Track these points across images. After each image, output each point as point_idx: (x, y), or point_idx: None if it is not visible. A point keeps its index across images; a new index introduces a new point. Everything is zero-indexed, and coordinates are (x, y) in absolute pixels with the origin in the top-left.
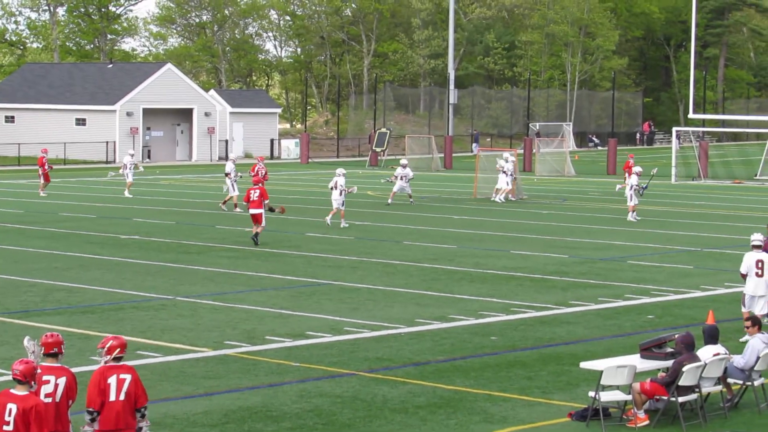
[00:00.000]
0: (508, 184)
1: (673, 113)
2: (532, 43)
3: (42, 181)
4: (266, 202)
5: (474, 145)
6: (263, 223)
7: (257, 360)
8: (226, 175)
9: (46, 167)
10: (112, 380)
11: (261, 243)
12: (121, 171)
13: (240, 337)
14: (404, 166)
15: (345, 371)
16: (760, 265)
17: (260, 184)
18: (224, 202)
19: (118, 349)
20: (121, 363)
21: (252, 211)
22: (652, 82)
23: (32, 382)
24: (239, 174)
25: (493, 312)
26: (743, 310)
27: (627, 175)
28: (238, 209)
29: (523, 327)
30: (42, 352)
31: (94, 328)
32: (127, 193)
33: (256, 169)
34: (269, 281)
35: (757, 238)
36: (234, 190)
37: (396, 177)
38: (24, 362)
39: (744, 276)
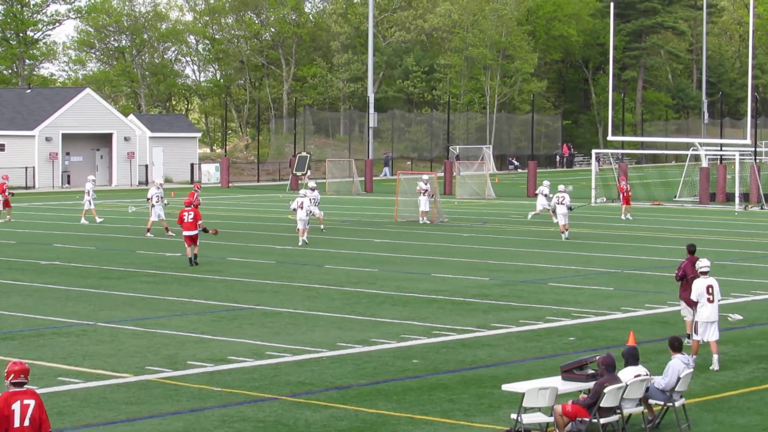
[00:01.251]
0: (428, 206)
1: (593, 135)
2: (451, 66)
3: (1, 208)
4: (200, 223)
5: (385, 168)
6: (197, 244)
7: (179, 385)
8: (147, 200)
9: (7, 193)
10: (16, 406)
11: (181, 268)
12: (85, 199)
13: (161, 363)
14: (313, 189)
15: (267, 396)
16: (710, 290)
17: (192, 206)
18: (148, 230)
19: (22, 375)
20: (25, 388)
21: (187, 232)
22: (571, 104)
23: None
24: (164, 199)
25: (414, 335)
26: (695, 338)
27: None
28: (149, 234)
29: (444, 350)
30: None
31: (15, 354)
32: (84, 220)
33: (195, 196)
34: (190, 306)
35: (704, 264)
36: (152, 215)
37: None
38: None
39: (694, 303)
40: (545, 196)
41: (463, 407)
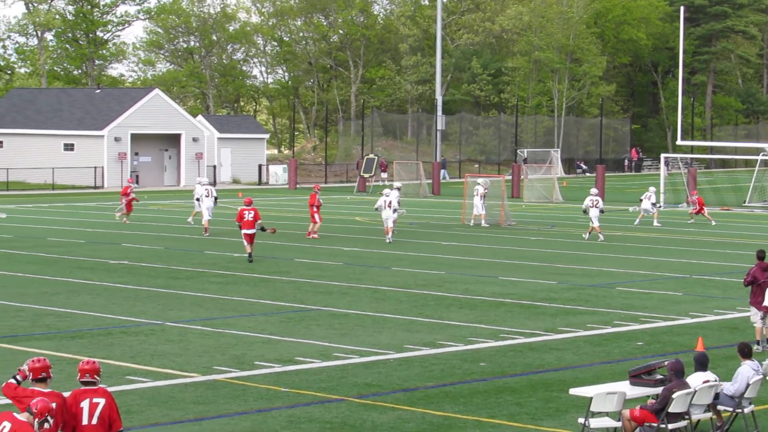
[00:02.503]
0: (482, 209)
1: (661, 140)
2: (518, 69)
3: (125, 210)
4: (259, 222)
5: (442, 171)
6: (253, 242)
7: (246, 385)
8: (196, 200)
9: (131, 196)
10: (85, 404)
11: (250, 269)
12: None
13: (229, 363)
14: (399, 188)
15: (334, 397)
16: None
17: (252, 205)
18: (206, 229)
19: (88, 374)
20: (97, 387)
21: (246, 231)
22: (640, 108)
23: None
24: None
25: (482, 338)
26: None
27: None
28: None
29: (512, 353)
30: (32, 377)
31: (84, 353)
32: (190, 219)
33: (316, 198)
34: (259, 307)
35: None
36: (205, 214)
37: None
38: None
39: (766, 309)
40: (652, 204)
41: (530, 411)
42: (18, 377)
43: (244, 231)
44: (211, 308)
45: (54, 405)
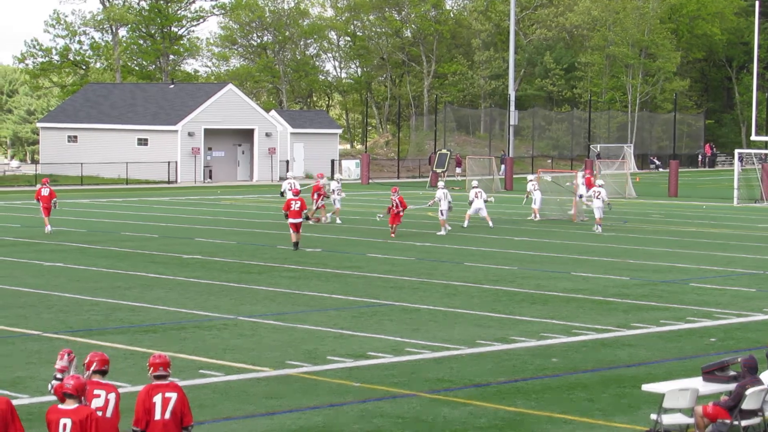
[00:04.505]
0: (535, 203)
1: (736, 135)
2: (591, 64)
3: (317, 207)
4: (305, 211)
5: (502, 166)
6: (300, 231)
7: (318, 380)
8: (281, 194)
9: (325, 190)
10: (158, 399)
11: (322, 263)
12: (332, 198)
13: (301, 357)
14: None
15: (406, 392)
16: None
17: (299, 195)
18: (313, 215)
19: (161, 368)
20: (168, 381)
21: (292, 220)
22: (714, 104)
23: (82, 397)
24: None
25: (554, 334)
26: None
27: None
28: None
29: (584, 349)
30: (95, 368)
31: (157, 347)
32: (335, 219)
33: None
34: (330, 301)
35: None
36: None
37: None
38: (75, 377)
39: None
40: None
41: (603, 407)
42: (58, 375)
43: (290, 220)
44: (283, 303)
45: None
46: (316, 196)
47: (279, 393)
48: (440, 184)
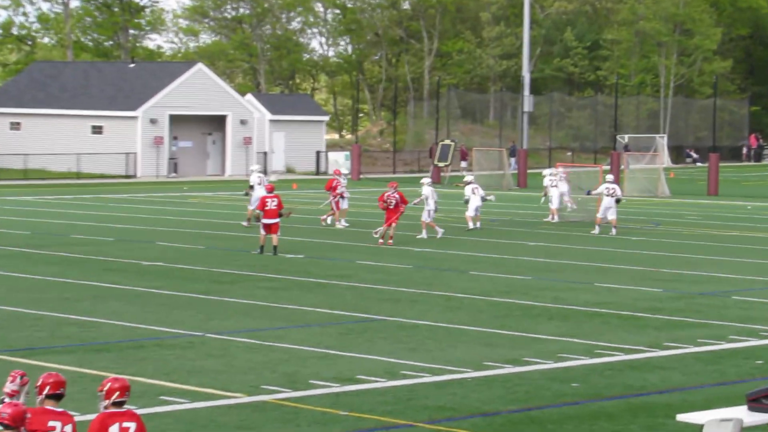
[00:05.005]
0: (552, 202)
1: None
2: (618, 42)
3: (335, 209)
4: (281, 210)
5: (511, 159)
6: (278, 233)
7: (299, 408)
8: (250, 187)
9: (339, 190)
10: (114, 429)
11: (304, 271)
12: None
13: (279, 381)
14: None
15: (401, 422)
16: None
17: (274, 191)
18: (248, 219)
19: (117, 393)
20: (125, 409)
21: (267, 220)
22: (761, 87)
23: (21, 428)
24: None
25: (574, 354)
26: None
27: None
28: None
29: (609, 372)
30: (48, 392)
31: (112, 369)
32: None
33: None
34: (314, 316)
35: None
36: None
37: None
38: (12, 405)
39: None
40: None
41: None
42: (6, 400)
43: (264, 221)
44: (259, 318)
45: (28, 414)
46: (331, 198)
47: (253, 423)
48: (426, 180)
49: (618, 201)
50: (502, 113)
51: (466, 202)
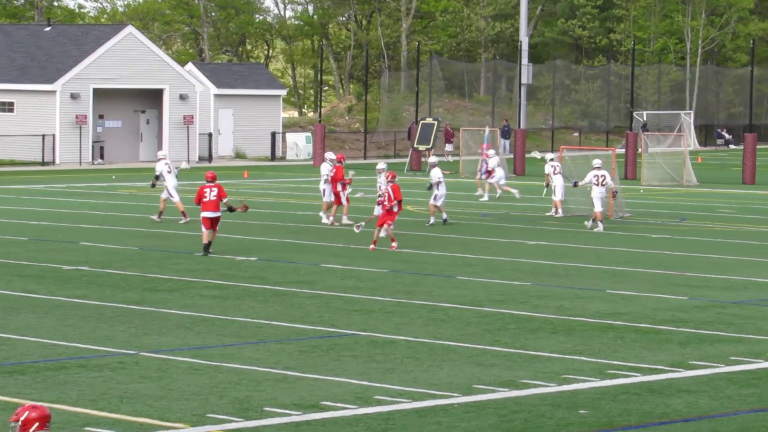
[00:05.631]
0: (555, 194)
1: None
2: (635, 0)
3: (345, 203)
4: (224, 201)
5: (504, 142)
6: (217, 229)
7: None
8: (156, 178)
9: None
10: None
11: (260, 278)
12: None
13: (229, 409)
14: (432, 166)
15: None
16: None
17: (215, 180)
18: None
19: (37, 424)
20: None
21: (207, 213)
22: None
23: None
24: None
25: (582, 375)
26: None
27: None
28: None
29: (624, 396)
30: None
31: (28, 394)
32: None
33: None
34: (270, 330)
35: None
36: (170, 192)
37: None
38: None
39: None
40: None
41: None
42: None
43: (204, 214)
44: (203, 333)
45: None
46: (340, 187)
47: None
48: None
49: (614, 194)
50: (495, 86)
51: (429, 188)
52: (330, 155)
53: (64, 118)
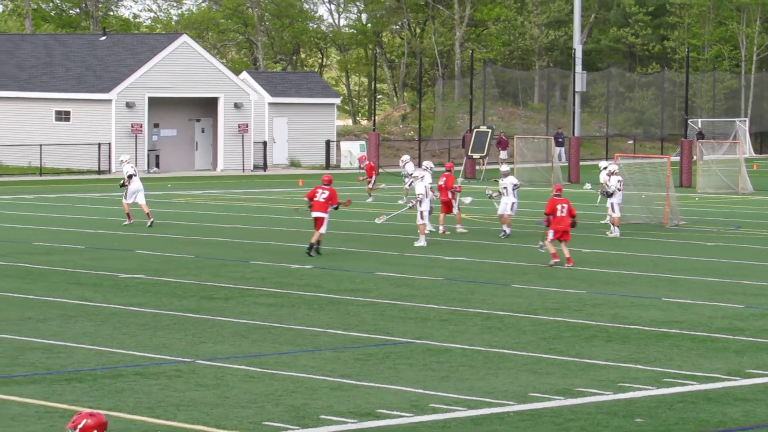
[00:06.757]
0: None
1: None
2: (689, 6)
3: (457, 212)
4: (333, 206)
5: (559, 150)
6: (324, 230)
7: None
8: (122, 184)
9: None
10: None
11: (313, 285)
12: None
13: (285, 416)
14: (505, 174)
15: None
16: None
17: (331, 184)
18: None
19: (95, 431)
20: None
21: (314, 213)
22: None
23: None
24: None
25: (638, 384)
26: None
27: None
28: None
29: (680, 405)
30: None
31: (85, 402)
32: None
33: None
34: (325, 338)
35: None
36: (136, 195)
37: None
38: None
39: None
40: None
41: None
42: None
43: (313, 214)
44: (259, 340)
45: None
46: (450, 195)
47: None
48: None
49: (608, 195)
50: (549, 94)
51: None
52: (428, 164)
53: (120, 127)
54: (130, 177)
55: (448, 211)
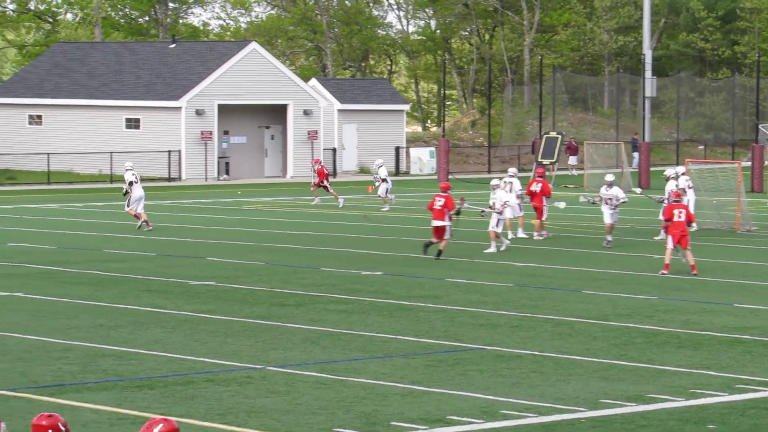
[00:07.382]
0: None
1: None
2: (759, 10)
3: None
4: (450, 212)
5: (635, 155)
6: (447, 236)
7: None
8: (125, 192)
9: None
10: None
11: (383, 292)
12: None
13: (356, 423)
14: (610, 185)
15: None
16: None
17: (448, 192)
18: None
19: None
20: None
21: (433, 222)
22: None
23: None
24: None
25: (710, 390)
26: None
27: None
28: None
29: (753, 412)
30: None
31: (156, 409)
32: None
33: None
34: (395, 345)
35: None
36: (127, 204)
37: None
38: (48, 416)
39: None
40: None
41: None
42: None
43: (433, 222)
44: (329, 347)
45: None
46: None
47: None
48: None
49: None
50: (619, 99)
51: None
52: (513, 170)
53: (190, 135)
54: (131, 184)
55: (541, 216)
